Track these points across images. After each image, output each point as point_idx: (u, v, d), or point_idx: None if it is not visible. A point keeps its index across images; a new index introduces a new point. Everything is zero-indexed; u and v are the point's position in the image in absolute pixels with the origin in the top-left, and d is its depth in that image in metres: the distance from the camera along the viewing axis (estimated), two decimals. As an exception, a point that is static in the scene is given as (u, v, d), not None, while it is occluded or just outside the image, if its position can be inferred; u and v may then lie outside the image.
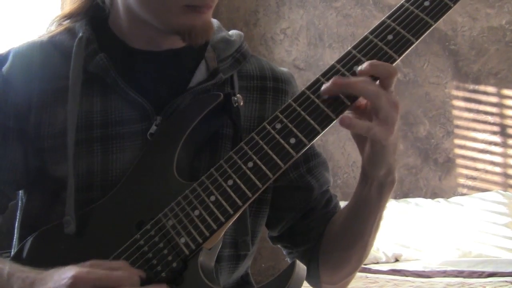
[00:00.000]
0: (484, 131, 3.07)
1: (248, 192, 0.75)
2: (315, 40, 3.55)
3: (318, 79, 0.77)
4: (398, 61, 0.76)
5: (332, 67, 0.77)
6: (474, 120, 3.10)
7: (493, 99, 3.06)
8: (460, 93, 3.15)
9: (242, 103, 0.89)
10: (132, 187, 0.83)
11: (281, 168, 0.75)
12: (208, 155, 0.89)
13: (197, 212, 0.76)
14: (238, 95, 0.88)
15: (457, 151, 3.14)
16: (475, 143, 3.10)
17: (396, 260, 2.87)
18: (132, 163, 0.85)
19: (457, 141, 3.14)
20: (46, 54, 0.91)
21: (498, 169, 3.04)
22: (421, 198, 3.09)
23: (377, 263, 2.83)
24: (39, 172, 0.88)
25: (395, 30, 0.76)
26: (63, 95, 0.87)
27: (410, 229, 2.89)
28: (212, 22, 0.90)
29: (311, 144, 0.77)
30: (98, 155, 0.86)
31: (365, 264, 2.75)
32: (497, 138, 3.04)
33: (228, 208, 0.75)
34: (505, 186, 3.00)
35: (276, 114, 0.77)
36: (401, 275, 2.47)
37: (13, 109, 0.88)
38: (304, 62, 3.57)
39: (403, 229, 2.90)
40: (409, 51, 0.76)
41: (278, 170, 0.75)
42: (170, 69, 0.91)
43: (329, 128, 0.75)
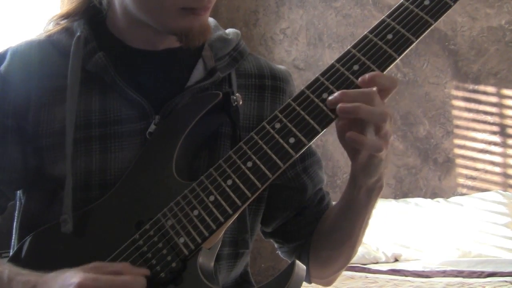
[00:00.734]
0: (484, 131, 3.06)
1: (247, 192, 0.75)
2: (315, 40, 3.54)
3: (318, 79, 0.77)
4: (398, 61, 0.76)
5: (332, 67, 0.77)
6: (474, 120, 3.10)
7: (493, 99, 3.06)
8: (460, 93, 3.15)
9: (241, 102, 0.89)
10: (131, 187, 0.83)
11: (281, 168, 0.74)
12: (207, 155, 0.89)
13: (196, 212, 0.76)
14: (237, 94, 0.88)
15: (457, 151, 3.14)
16: (475, 143, 3.09)
17: (396, 260, 2.87)
18: (131, 162, 0.85)
19: (457, 141, 3.14)
20: (45, 53, 0.91)
21: (498, 169, 3.04)
22: (421, 198, 3.09)
23: (377, 263, 2.83)
24: (38, 171, 0.88)
25: (395, 29, 0.76)
26: (62, 94, 0.87)
27: (410, 229, 2.89)
28: (209, 23, 0.90)
29: None
30: (97, 154, 0.86)
31: (365, 264, 2.75)
32: (497, 138, 3.04)
33: (227, 208, 0.75)
34: (505, 186, 3.00)
35: (276, 114, 0.77)
36: (401, 275, 2.46)
37: (12, 108, 0.88)
38: (304, 62, 3.57)
39: (403, 229, 2.90)
40: (409, 51, 0.76)
41: (278, 170, 0.74)
42: (168, 68, 0.91)
43: (329, 128, 0.75)
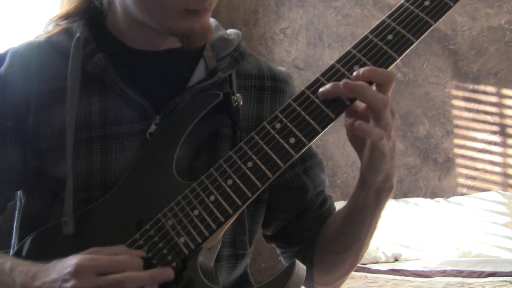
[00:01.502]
0: (484, 131, 3.06)
1: (248, 192, 0.75)
2: (315, 40, 3.54)
3: (318, 79, 0.77)
4: (398, 61, 0.76)
5: (332, 67, 0.77)
6: (474, 120, 3.10)
7: (493, 99, 3.06)
8: (460, 93, 3.15)
9: (242, 103, 0.89)
10: (132, 187, 0.83)
11: (281, 168, 0.75)
12: (208, 155, 0.89)
13: (197, 212, 0.76)
14: (238, 95, 0.88)
15: (457, 151, 3.14)
16: (475, 143, 3.09)
17: (396, 260, 2.87)
18: (132, 163, 0.85)
19: (457, 141, 3.14)
20: (44, 54, 0.91)
21: (498, 169, 3.04)
22: (421, 198, 3.09)
23: (377, 263, 2.83)
24: (38, 172, 0.88)
25: (395, 30, 0.76)
26: (62, 95, 0.87)
27: (410, 229, 2.89)
28: (210, 23, 0.90)
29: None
30: (97, 155, 0.86)
31: (365, 264, 2.75)
32: (497, 138, 3.04)
33: (228, 208, 0.75)
34: (505, 186, 3.00)
35: (276, 114, 0.77)
36: (401, 275, 2.47)
37: (11, 109, 0.88)
38: (304, 62, 3.57)
39: (403, 229, 2.90)
40: (409, 51, 0.76)
41: (278, 170, 0.75)
42: (169, 69, 0.91)
43: (329, 128, 0.75)
